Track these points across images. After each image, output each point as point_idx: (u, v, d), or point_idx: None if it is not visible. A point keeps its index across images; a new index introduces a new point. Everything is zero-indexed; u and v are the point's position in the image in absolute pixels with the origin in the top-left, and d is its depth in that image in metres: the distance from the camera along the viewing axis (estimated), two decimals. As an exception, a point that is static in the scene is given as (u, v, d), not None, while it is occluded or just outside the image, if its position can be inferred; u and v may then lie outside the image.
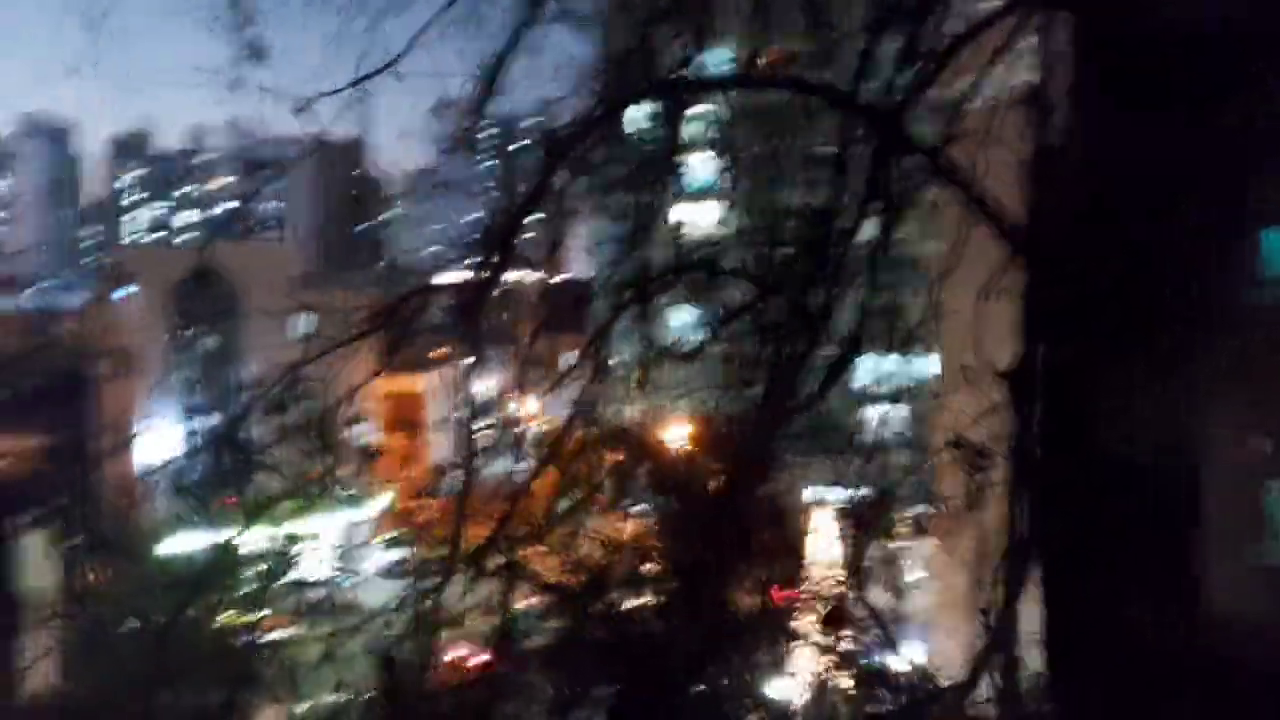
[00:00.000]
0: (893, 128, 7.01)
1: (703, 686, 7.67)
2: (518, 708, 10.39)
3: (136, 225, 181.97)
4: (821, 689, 8.45)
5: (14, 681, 14.00)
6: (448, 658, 9.97)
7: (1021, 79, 7.08)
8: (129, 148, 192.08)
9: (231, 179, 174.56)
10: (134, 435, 27.82)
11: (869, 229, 7.37)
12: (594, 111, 7.30)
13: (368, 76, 7.52)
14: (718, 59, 8.99)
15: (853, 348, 7.47)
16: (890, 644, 8.67)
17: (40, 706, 13.74)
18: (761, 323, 7.92)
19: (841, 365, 7.46)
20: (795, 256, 7.75)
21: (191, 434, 27.22)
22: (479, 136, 7.94)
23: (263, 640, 23.95)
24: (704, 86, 8.27)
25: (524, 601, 9.17)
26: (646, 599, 8.37)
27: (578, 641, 8.40)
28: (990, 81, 7.39)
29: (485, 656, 9.75)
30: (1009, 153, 6.87)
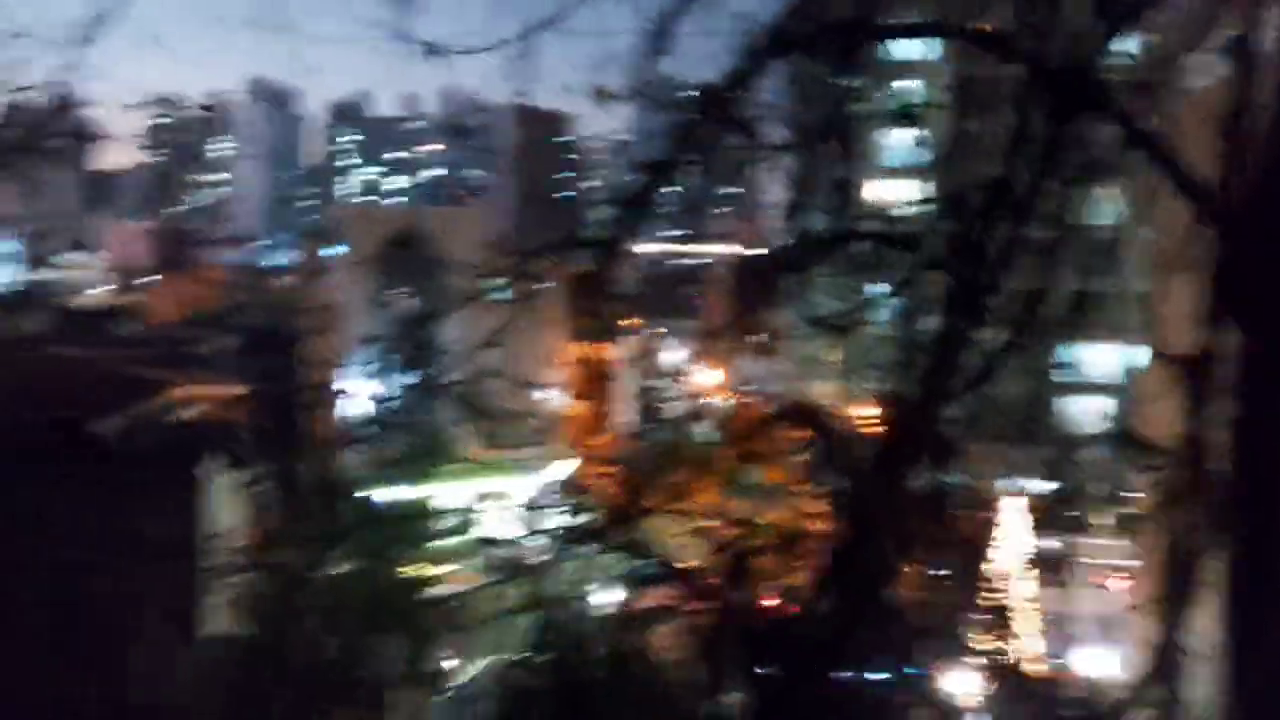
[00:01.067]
0: (1075, 85, 6.45)
1: (849, 673, 7.42)
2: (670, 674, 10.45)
3: (350, 188, 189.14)
4: (975, 696, 8.12)
5: (196, 623, 14.80)
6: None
7: (1222, 31, 6.44)
8: (345, 113, 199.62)
9: (439, 146, 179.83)
10: (335, 389, 28.95)
11: (1051, 202, 6.87)
12: (749, 63, 6.84)
13: (534, 30, 7.38)
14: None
15: (1022, 331, 6.95)
16: (1058, 650, 8.27)
17: (221, 647, 14.47)
18: (925, 299, 7.55)
19: (1009, 348, 6.97)
20: (967, 229, 7.24)
21: (389, 391, 28.16)
22: (647, 96, 7.68)
23: (448, 594, 24.68)
24: (870, 34, 7.70)
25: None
26: (799, 579, 8.19)
27: (722, 624, 8.32)
28: (1186, 33, 6.79)
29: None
30: (1207, 115, 6.24)
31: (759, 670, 7.76)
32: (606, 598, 13.90)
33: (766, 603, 8.16)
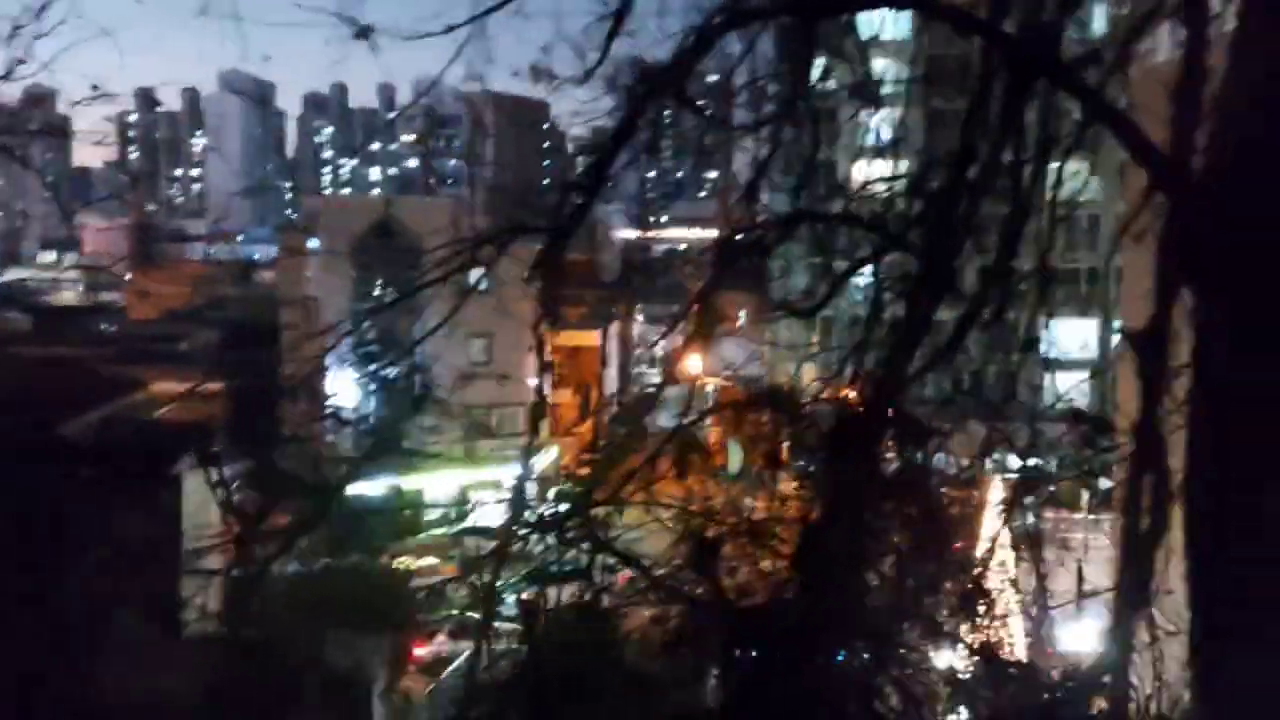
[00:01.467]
0: (1034, 57, 6.40)
1: (823, 657, 7.38)
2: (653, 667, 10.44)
3: (331, 181, 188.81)
4: (951, 679, 8.07)
5: (176, 619, 14.74)
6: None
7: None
8: (320, 106, 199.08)
9: (415, 136, 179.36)
10: (316, 382, 28.75)
11: (1012, 176, 6.82)
12: (704, 37, 6.71)
13: (488, 12, 7.28)
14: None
15: (985, 305, 6.90)
16: (1034, 630, 8.22)
17: (202, 644, 14.41)
18: (890, 278, 7.52)
19: (971, 323, 6.92)
20: (930, 207, 7.19)
21: (370, 382, 28.11)
22: (600, 77, 7.52)
23: (434, 584, 24.65)
24: (828, 6, 7.56)
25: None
26: (770, 565, 8.16)
27: (691, 613, 8.25)
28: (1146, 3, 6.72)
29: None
30: (1158, 78, 6.16)
31: (732, 658, 7.72)
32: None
33: (739, 590, 8.12)
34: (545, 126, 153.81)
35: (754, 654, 7.43)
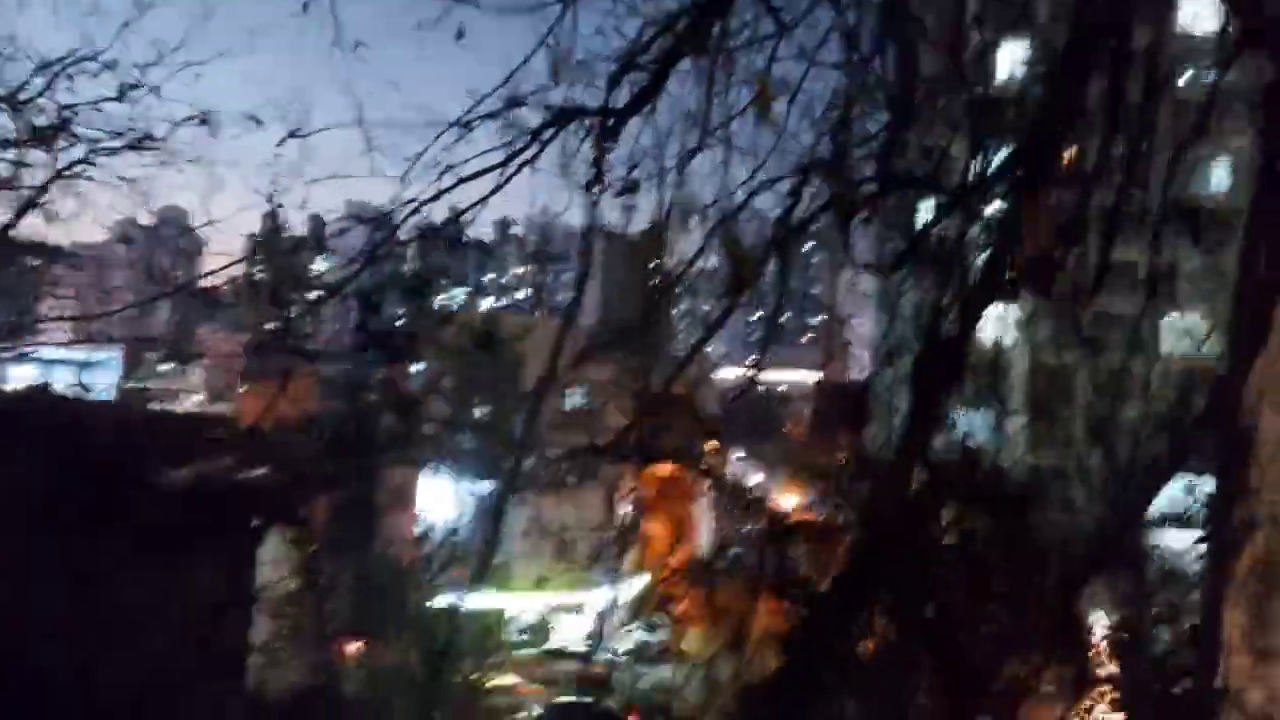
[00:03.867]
0: None
1: None
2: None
3: (441, 304, 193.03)
4: None
5: (243, 668, 15.07)
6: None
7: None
8: (436, 235, 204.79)
9: (524, 269, 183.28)
10: (414, 493, 29.35)
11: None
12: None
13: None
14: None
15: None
16: None
17: (269, 704, 14.74)
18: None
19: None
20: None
21: (467, 497, 28.53)
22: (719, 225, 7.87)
23: (517, 702, 24.57)
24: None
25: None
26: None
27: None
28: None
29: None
30: None
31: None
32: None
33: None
34: (652, 265, 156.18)
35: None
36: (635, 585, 43.01)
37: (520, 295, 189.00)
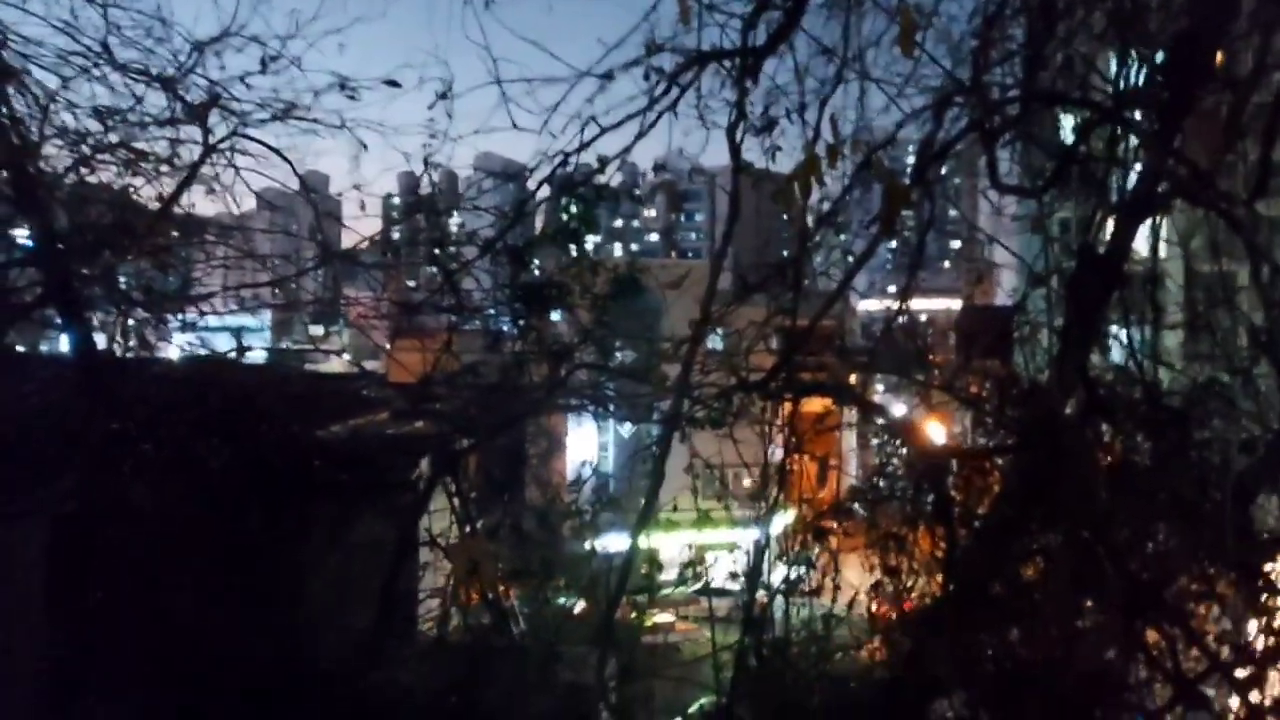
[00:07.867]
0: None
1: None
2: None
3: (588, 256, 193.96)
4: None
5: (415, 619, 15.72)
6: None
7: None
8: (566, 184, 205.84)
9: (655, 213, 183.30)
10: (562, 440, 29.86)
11: None
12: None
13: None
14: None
15: None
16: None
17: (436, 649, 15.31)
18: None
19: None
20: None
21: (620, 442, 28.94)
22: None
23: (670, 641, 25.00)
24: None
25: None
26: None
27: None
28: None
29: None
30: None
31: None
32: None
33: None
34: (800, 203, 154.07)
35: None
36: (787, 521, 43.10)
37: (652, 239, 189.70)
